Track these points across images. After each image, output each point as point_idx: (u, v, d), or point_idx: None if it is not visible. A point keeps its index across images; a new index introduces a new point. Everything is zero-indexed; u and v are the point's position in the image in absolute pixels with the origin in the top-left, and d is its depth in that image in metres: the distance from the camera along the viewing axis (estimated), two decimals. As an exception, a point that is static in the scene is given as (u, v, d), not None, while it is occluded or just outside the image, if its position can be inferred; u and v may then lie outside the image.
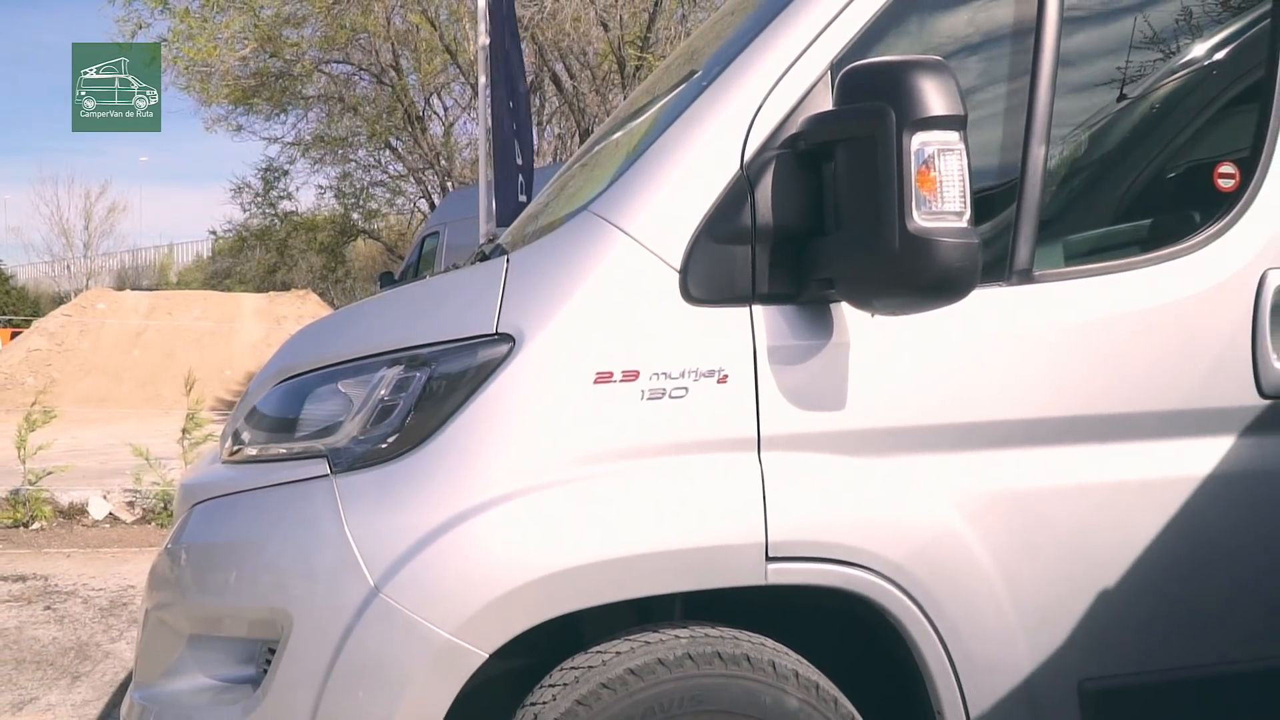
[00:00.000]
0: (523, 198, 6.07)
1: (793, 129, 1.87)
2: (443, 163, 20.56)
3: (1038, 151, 1.95)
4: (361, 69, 19.46)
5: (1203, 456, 2.03)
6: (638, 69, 15.43)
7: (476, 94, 7.72)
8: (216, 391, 14.32)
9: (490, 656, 1.81)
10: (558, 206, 2.46)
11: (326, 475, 1.90)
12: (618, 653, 1.88)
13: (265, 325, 17.64)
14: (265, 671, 1.90)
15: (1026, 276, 1.96)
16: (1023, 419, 1.97)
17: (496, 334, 1.87)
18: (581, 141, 15.88)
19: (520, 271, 1.93)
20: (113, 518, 6.70)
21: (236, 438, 2.14)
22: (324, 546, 1.84)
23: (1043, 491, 1.98)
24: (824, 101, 1.87)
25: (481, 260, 2.42)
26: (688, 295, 1.86)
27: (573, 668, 1.89)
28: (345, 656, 1.80)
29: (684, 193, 1.88)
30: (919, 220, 1.67)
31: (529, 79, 19.09)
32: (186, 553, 2.07)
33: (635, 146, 2.17)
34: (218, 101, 19.10)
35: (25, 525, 6.37)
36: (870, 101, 1.71)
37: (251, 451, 2.10)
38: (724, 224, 1.86)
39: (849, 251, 1.77)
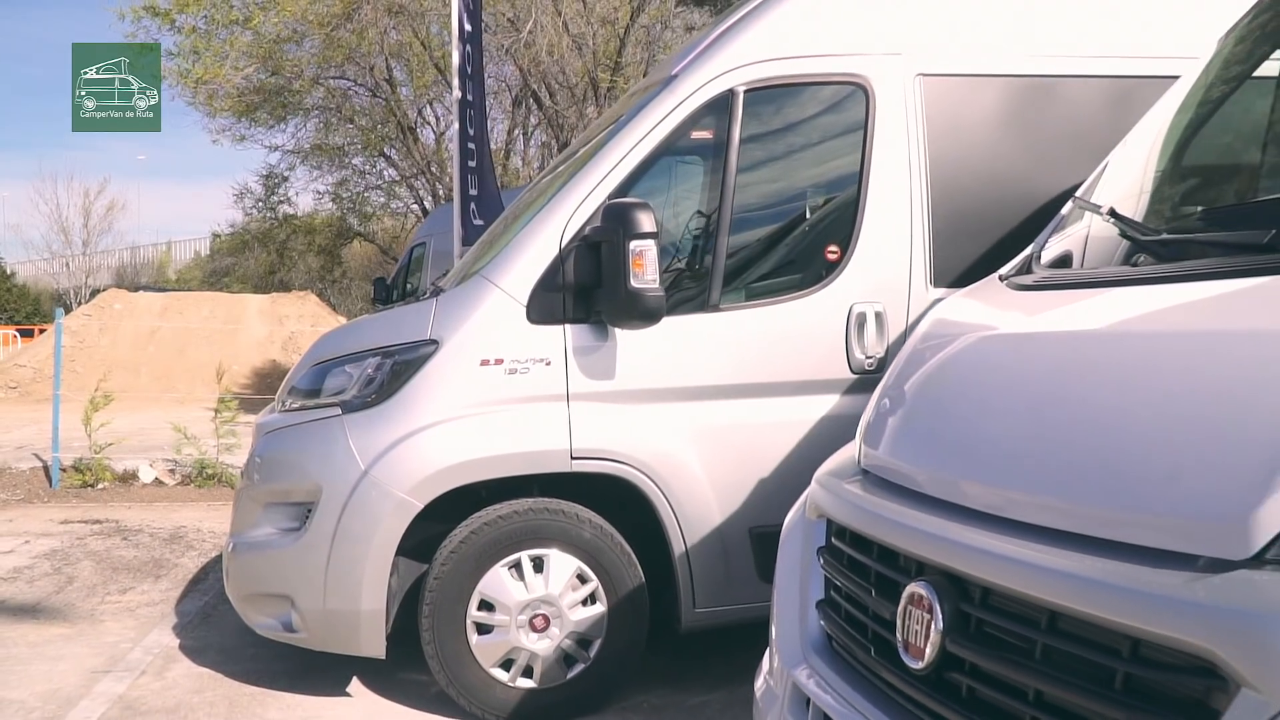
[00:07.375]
0: (478, 221, 7.85)
1: (585, 232, 3.53)
2: (433, 170, 21.81)
3: (723, 238, 3.62)
4: (357, 83, 20.96)
5: (818, 406, 3.70)
6: (610, 89, 17.06)
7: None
8: (225, 384, 15.89)
9: (424, 508, 3.47)
10: (476, 263, 4.11)
11: (339, 415, 3.57)
12: (494, 508, 3.56)
13: (269, 324, 19.17)
14: (305, 521, 3.57)
15: (716, 308, 3.63)
16: (714, 385, 3.64)
17: (429, 339, 3.53)
18: (560, 151, 17.48)
19: (443, 306, 3.61)
20: (158, 481, 8.35)
21: (285, 401, 3.83)
22: (338, 451, 3.51)
23: (727, 424, 3.65)
24: (598, 219, 3.53)
25: (431, 295, 4.09)
26: (530, 319, 3.53)
27: (470, 518, 3.57)
28: (349, 507, 3.46)
29: (529, 265, 3.55)
30: (633, 284, 3.33)
31: (513, 96, 20.65)
32: (262, 459, 3.75)
33: (513, 229, 3.84)
34: (222, 114, 20.68)
35: (92, 486, 8.03)
36: (612, 222, 3.39)
37: (296, 405, 3.78)
38: (549, 281, 3.53)
39: (607, 298, 3.44)
